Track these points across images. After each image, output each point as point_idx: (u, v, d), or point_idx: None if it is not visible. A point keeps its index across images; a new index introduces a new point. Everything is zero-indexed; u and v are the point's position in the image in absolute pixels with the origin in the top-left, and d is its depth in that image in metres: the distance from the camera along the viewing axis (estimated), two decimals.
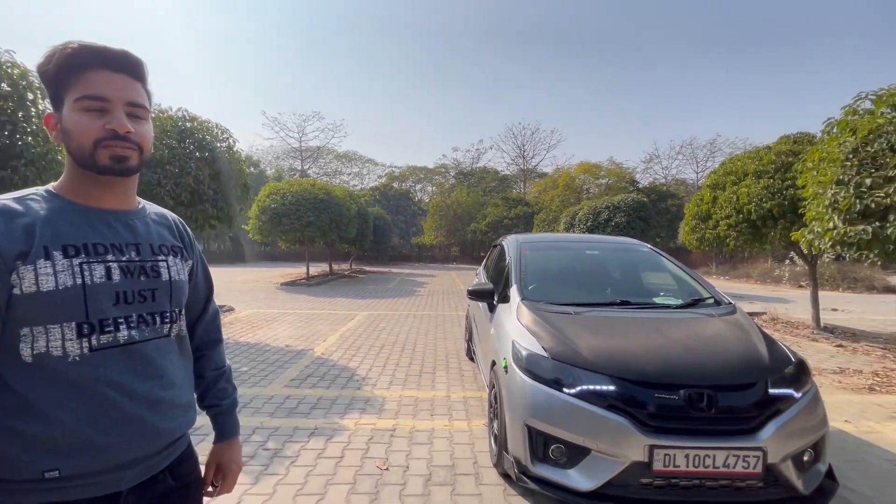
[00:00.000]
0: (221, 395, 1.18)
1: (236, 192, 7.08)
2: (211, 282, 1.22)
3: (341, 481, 2.68)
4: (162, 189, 6.07)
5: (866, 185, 4.19)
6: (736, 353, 2.37)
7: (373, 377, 4.80)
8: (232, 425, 1.18)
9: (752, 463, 2.08)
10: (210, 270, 1.23)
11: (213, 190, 6.50)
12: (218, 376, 1.18)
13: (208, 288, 1.20)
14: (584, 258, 3.77)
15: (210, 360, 1.18)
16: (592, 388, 2.24)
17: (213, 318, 1.21)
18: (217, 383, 1.18)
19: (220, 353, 1.20)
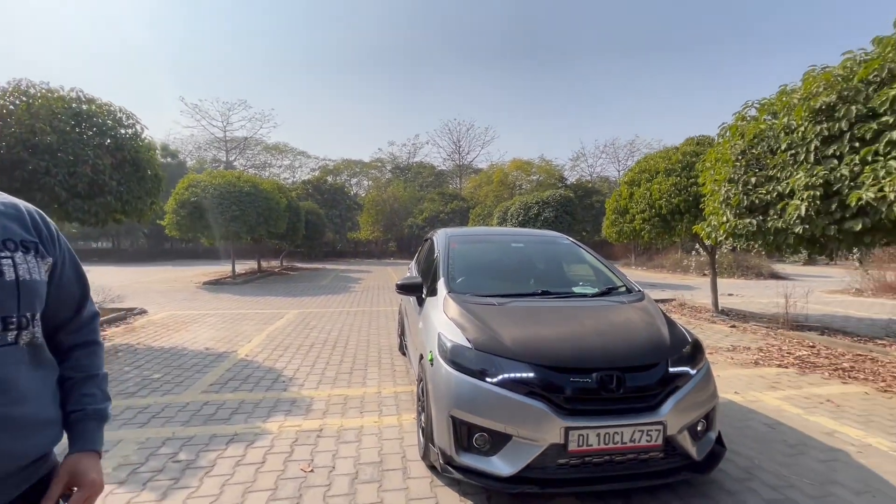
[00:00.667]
0: (87, 400, 1.02)
1: (146, 184, 6.43)
2: (85, 282, 1.08)
3: (261, 488, 2.55)
4: (52, 179, 5.36)
5: (752, 183, 4.73)
6: (642, 337, 2.57)
7: (300, 377, 4.62)
8: (93, 435, 1.01)
9: (654, 436, 2.27)
10: (83, 268, 1.10)
11: (116, 181, 5.85)
12: (85, 379, 1.04)
13: (81, 289, 1.06)
14: (510, 251, 3.89)
15: (79, 364, 1.04)
16: (513, 376, 2.31)
17: (88, 322, 1.08)
18: (83, 387, 1.03)
19: (92, 357, 1.07)
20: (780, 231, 4.50)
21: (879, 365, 5.20)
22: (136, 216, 6.45)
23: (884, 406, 3.97)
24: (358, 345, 6.11)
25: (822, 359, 5.49)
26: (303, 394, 4.13)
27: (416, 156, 50.14)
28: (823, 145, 4.09)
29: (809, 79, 4.49)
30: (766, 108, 5.12)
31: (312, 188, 35.89)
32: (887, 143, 3.58)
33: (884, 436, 3.34)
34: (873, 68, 3.83)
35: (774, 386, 4.49)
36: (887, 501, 2.50)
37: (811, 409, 3.85)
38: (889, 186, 3.40)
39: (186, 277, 16.18)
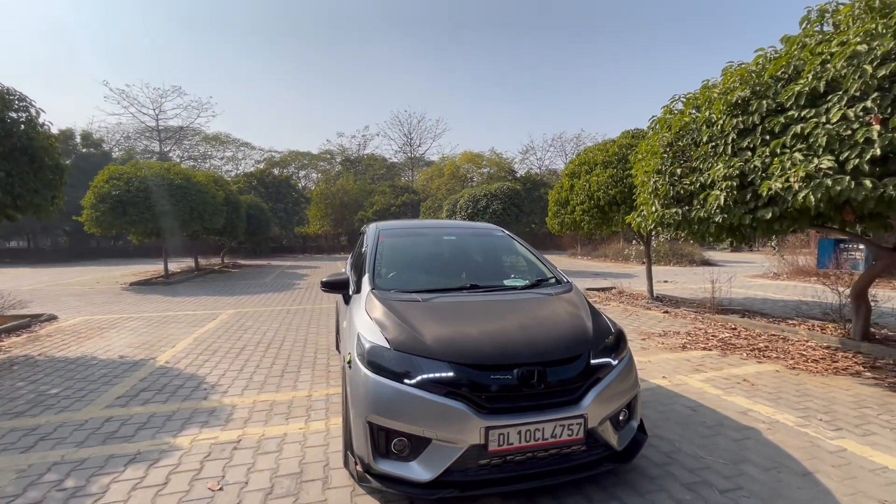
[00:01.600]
0: None
1: (43, 176, 5.72)
2: None
3: None
4: None
5: (677, 174, 4.91)
6: (564, 329, 2.54)
7: (225, 384, 4.30)
8: None
9: (575, 430, 2.24)
10: None
11: (4, 172, 5.15)
12: None
13: None
14: (442, 244, 3.78)
15: None
16: (432, 376, 2.20)
17: None
18: None
19: None
20: (702, 220, 4.70)
21: (789, 344, 5.62)
22: (33, 212, 5.74)
23: (791, 383, 4.26)
24: (294, 345, 5.81)
25: (741, 340, 5.86)
26: (224, 402, 3.83)
27: (367, 148, 49.16)
28: (739, 138, 4.29)
29: (727, 74, 4.70)
30: (690, 101, 5.33)
31: (256, 181, 34.21)
32: (793, 136, 3.79)
33: (790, 411, 3.57)
34: (781, 65, 4.04)
35: (699, 369, 4.71)
36: (791, 475, 2.63)
37: (729, 390, 4.06)
38: (794, 177, 3.61)
39: (112, 278, 14.90)
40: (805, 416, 3.46)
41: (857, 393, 3.96)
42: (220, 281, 14.22)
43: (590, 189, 8.69)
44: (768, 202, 4.11)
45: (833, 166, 3.50)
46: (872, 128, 3.28)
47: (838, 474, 2.65)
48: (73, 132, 28.61)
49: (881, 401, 3.78)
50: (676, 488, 2.51)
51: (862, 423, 3.34)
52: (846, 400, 3.80)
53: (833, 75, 3.54)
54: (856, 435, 3.16)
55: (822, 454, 2.89)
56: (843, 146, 3.49)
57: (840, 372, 4.55)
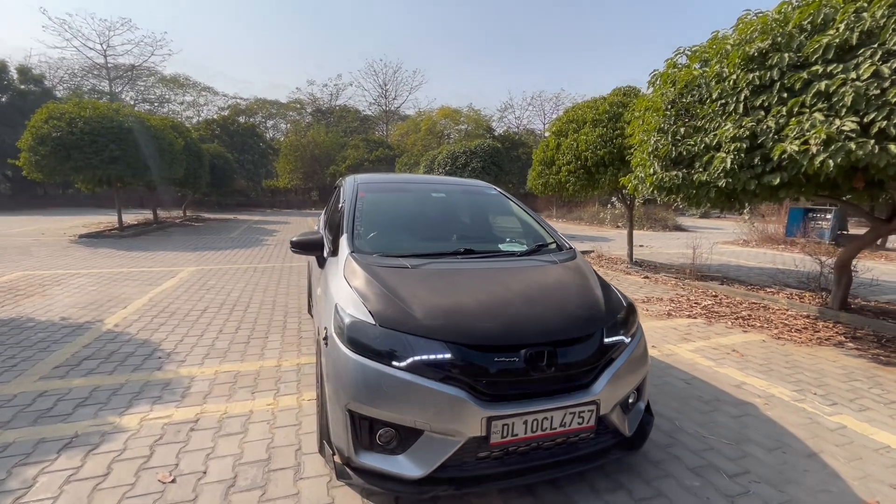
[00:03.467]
0: None
1: None
2: None
3: None
4: None
5: (680, 133, 4.57)
6: (576, 303, 2.23)
7: (182, 351, 3.86)
8: None
9: (586, 417, 1.98)
10: None
11: None
12: None
13: None
14: (430, 202, 3.36)
15: None
16: (425, 358, 1.86)
17: None
18: None
19: None
20: (703, 184, 4.43)
21: (770, 312, 5.61)
22: None
23: (779, 353, 4.20)
24: (261, 307, 5.37)
25: (724, 308, 5.81)
26: (181, 373, 3.42)
27: (339, 98, 46.68)
28: (753, 95, 3.95)
29: (744, 24, 4.29)
30: (697, 55, 4.92)
31: (219, 128, 32.03)
32: (815, 95, 3.48)
33: (783, 384, 3.47)
34: (809, 13, 3.66)
35: (686, 338, 4.60)
36: (796, 456, 2.50)
37: (720, 361, 3.95)
38: (814, 139, 3.33)
39: (59, 229, 13.73)
40: (799, 391, 3.37)
41: (844, 365, 3.93)
42: (180, 235, 13.34)
43: (577, 149, 8.30)
44: (778, 166, 3.85)
45: (856, 128, 3.23)
46: None
47: (843, 455, 2.53)
48: (7, 65, 25.56)
49: (868, 373, 3.75)
50: (683, 473, 2.33)
51: (856, 398, 3.27)
52: (835, 372, 3.75)
53: (869, 25, 3.20)
54: (852, 410, 3.08)
55: (824, 432, 2.78)
56: (869, 106, 3.21)
57: (824, 342, 4.53)
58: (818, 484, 2.27)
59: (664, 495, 2.15)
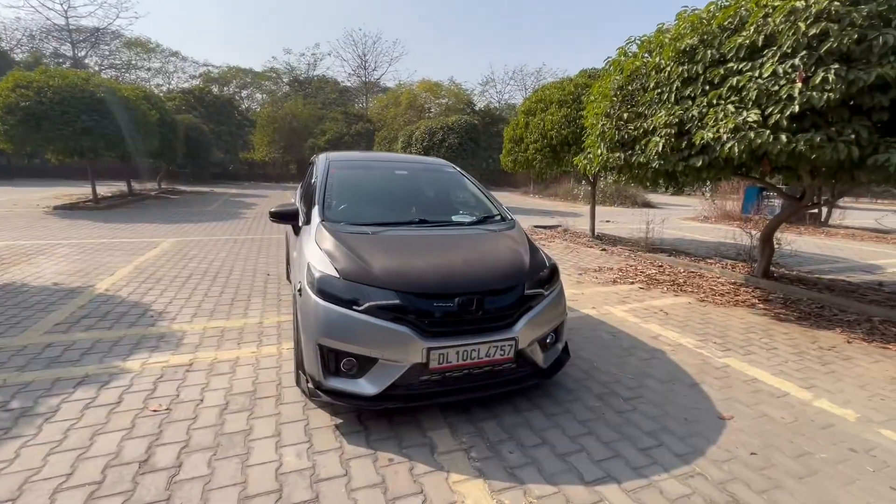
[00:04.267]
0: None
1: None
2: None
3: (115, 428, 2.41)
4: None
5: (624, 118, 5.09)
6: (504, 263, 2.76)
7: (172, 311, 4.30)
8: None
9: (506, 350, 2.53)
10: None
11: None
12: None
13: None
14: (393, 178, 3.81)
15: None
16: (379, 303, 2.37)
17: None
18: None
19: None
20: (642, 165, 4.99)
21: (704, 280, 6.32)
22: None
23: (699, 313, 4.88)
24: (243, 274, 5.79)
25: (665, 276, 6.50)
26: (173, 328, 3.87)
27: (317, 68, 45.63)
28: (683, 86, 4.48)
29: (681, 19, 4.77)
30: (644, 45, 5.39)
31: (194, 99, 31.18)
32: (729, 89, 4.02)
33: (693, 336, 4.14)
34: (729, 14, 4.16)
35: (624, 301, 5.25)
36: (682, 386, 3.15)
37: (646, 318, 4.60)
38: (724, 128, 3.88)
39: (30, 200, 13.61)
40: (703, 340, 4.05)
41: (748, 321, 4.63)
42: (157, 207, 13.41)
43: (543, 128, 8.77)
44: (700, 151, 4.42)
45: (758, 120, 3.79)
46: (795, 85, 3.55)
47: (718, 384, 3.19)
48: None
49: (765, 327, 4.46)
50: (589, 398, 2.94)
51: (746, 345, 3.96)
52: (738, 326, 4.45)
53: (772, 30, 3.72)
54: (739, 354, 3.76)
55: (710, 370, 3.44)
56: (769, 101, 3.77)
57: (739, 304, 5.25)
58: (690, 403, 2.92)
59: (569, 412, 2.76)
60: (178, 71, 42.36)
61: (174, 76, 42.04)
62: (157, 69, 41.29)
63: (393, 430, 2.49)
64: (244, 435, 2.39)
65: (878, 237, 11.91)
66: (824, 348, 3.96)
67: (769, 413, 2.84)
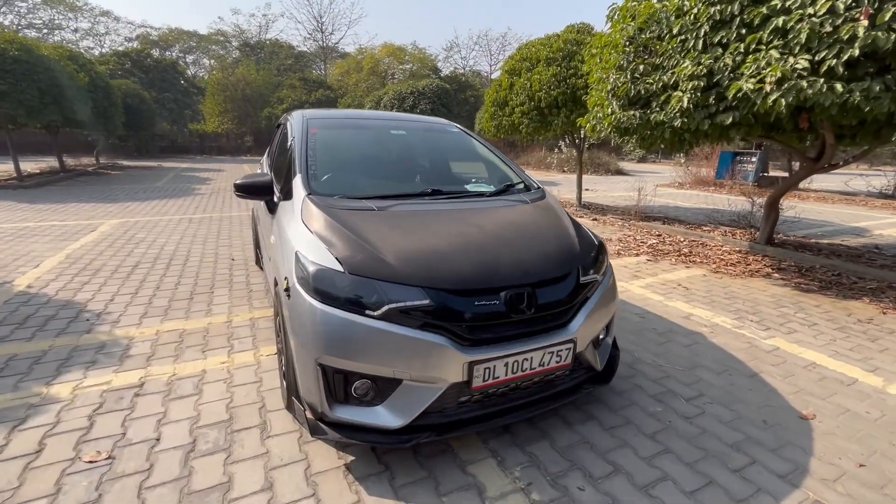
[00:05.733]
0: None
1: None
2: None
3: (30, 497, 1.70)
4: None
5: (639, 71, 4.51)
6: (553, 244, 2.17)
7: (115, 311, 3.48)
8: None
9: (564, 356, 1.98)
10: None
11: None
12: None
13: None
14: (389, 140, 3.09)
15: None
16: (403, 304, 1.73)
17: None
18: None
19: None
20: (658, 124, 4.46)
21: (708, 249, 6.00)
22: None
23: (718, 286, 4.51)
24: (203, 261, 4.94)
25: (667, 246, 6.14)
26: (117, 335, 3.08)
27: (270, 31, 42.44)
28: (712, 31, 3.92)
29: None
30: None
31: (131, 63, 28.14)
32: (773, 31, 3.49)
33: (724, 314, 3.75)
34: None
35: (636, 275, 4.81)
36: (741, 377, 2.72)
37: (668, 295, 4.18)
38: (769, 78, 3.37)
39: None
40: (738, 318, 3.65)
41: (773, 293, 4.30)
42: (96, 185, 11.90)
43: (531, 89, 8.09)
44: (730, 106, 3.92)
45: (807, 67, 3.30)
46: (860, 23, 3.05)
47: (778, 373, 2.79)
48: None
49: (794, 300, 4.13)
50: (646, 400, 2.46)
51: (784, 322, 3.60)
52: (766, 300, 4.10)
53: None
54: (782, 333, 3.39)
55: (761, 354, 3.04)
56: (821, 44, 3.27)
57: (754, 274, 4.93)
58: (760, 400, 2.49)
59: (631, 422, 2.26)
60: (110, 33, 38.32)
61: (106, 39, 37.96)
62: (87, 30, 37.10)
63: (423, 467, 1.91)
64: (221, 493, 1.74)
65: (847, 199, 12.15)
66: (863, 321, 3.67)
67: (851, 407, 2.45)
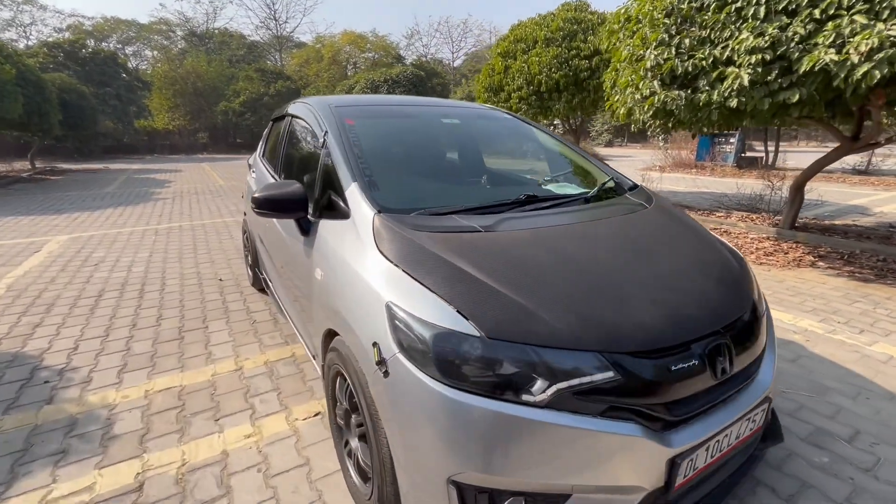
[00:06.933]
0: None
1: None
2: None
3: None
4: None
5: (685, 45, 4.02)
6: (717, 265, 1.62)
7: (83, 364, 2.68)
8: None
9: (759, 419, 1.45)
10: None
11: None
12: None
13: None
14: (442, 131, 2.43)
15: None
16: (580, 382, 1.14)
17: None
18: None
19: None
20: (706, 105, 4.00)
21: (735, 237, 5.67)
22: None
23: (773, 280, 4.15)
24: (184, 283, 4.12)
25: None
26: (91, 402, 2.31)
27: (218, 20, 39.88)
28: None
29: None
30: None
31: (64, 55, 25.53)
32: None
33: (804, 315, 3.35)
34: None
35: None
36: (883, 401, 2.30)
37: None
38: (863, 45, 2.94)
39: None
40: (823, 320, 3.27)
41: (834, 286, 3.97)
42: (35, 193, 10.46)
43: (529, 72, 7.53)
44: (795, 82, 3.49)
45: None
46: None
47: None
48: None
49: (861, 293, 3.81)
50: (803, 448, 1.97)
51: (873, 322, 3.24)
52: (834, 295, 3.75)
53: None
54: (881, 336, 3.02)
55: (880, 366, 2.64)
56: None
57: (800, 264, 4.61)
58: None
59: (809, 484, 1.76)
60: (36, 23, 34.90)
61: (32, 30, 34.47)
62: (8, 20, 33.51)
63: None
64: None
65: (826, 177, 12.37)
66: None
67: None
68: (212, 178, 13.60)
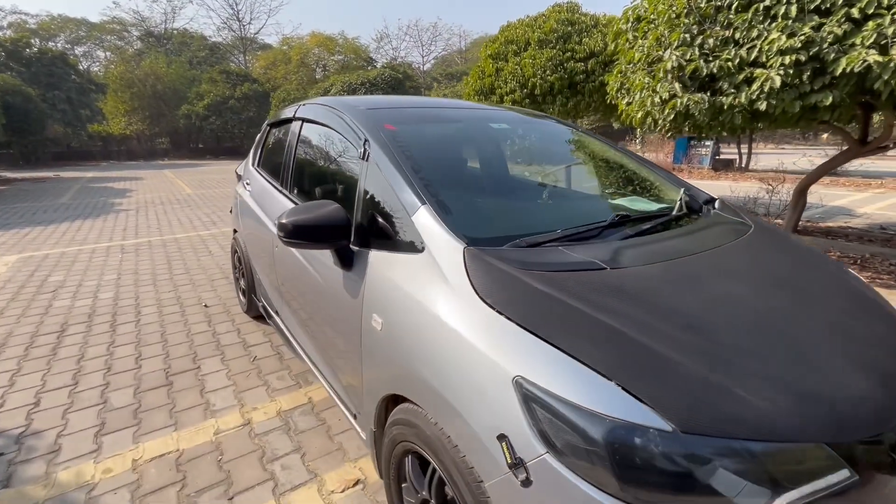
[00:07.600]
0: None
1: None
2: None
3: None
4: None
5: (709, 45, 3.84)
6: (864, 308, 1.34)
7: (48, 426, 2.17)
8: None
9: None
10: None
11: None
12: None
13: None
14: (493, 138, 2.08)
15: None
16: (810, 490, 0.81)
17: None
18: None
19: None
20: (730, 108, 3.82)
21: None
22: None
23: None
24: (162, 312, 3.59)
25: None
26: (63, 482, 1.82)
27: (177, 21, 38.18)
28: None
29: None
30: None
31: (6, 54, 23.65)
32: None
33: None
34: None
35: None
36: None
37: None
38: None
39: None
40: None
41: None
42: None
43: (522, 75, 7.29)
44: (829, 84, 3.35)
45: None
46: None
47: None
48: None
49: None
50: None
51: None
52: None
53: None
54: None
55: None
56: None
57: None
58: None
59: None
60: None
61: None
62: None
63: None
64: None
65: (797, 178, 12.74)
66: None
67: None
68: (177, 186, 12.73)
